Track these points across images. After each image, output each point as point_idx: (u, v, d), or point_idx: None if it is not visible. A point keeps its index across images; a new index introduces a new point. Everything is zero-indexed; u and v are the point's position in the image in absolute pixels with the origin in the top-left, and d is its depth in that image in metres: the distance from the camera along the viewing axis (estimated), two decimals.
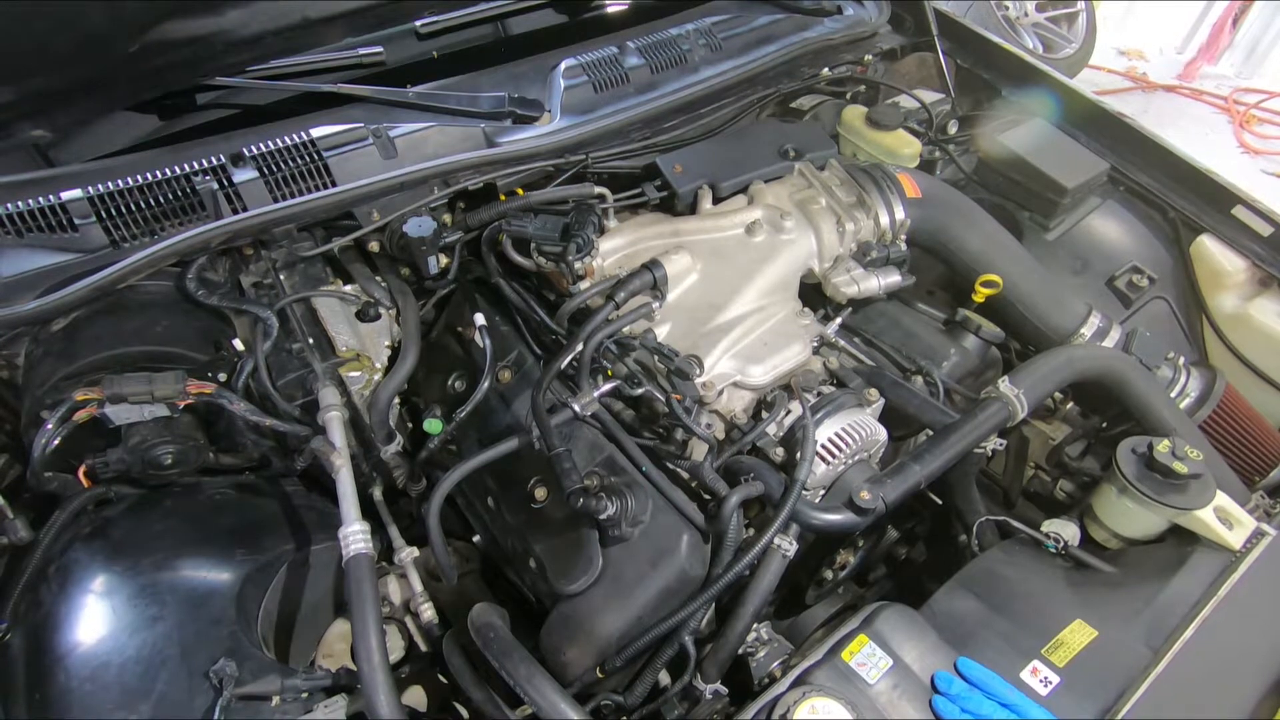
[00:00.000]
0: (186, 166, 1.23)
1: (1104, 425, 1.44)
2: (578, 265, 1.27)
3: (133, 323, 1.20)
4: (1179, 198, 1.74)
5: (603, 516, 1.07)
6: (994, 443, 1.29)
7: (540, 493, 1.20)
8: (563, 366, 1.19)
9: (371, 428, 1.27)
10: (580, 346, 1.18)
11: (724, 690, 1.07)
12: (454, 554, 1.29)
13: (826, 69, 1.84)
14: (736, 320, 1.26)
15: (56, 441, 1.07)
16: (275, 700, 0.99)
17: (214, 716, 0.94)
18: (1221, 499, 1.18)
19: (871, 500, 1.05)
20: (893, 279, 1.40)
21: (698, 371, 1.18)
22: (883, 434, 1.21)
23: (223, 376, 1.20)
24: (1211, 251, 1.68)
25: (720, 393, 1.19)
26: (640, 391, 1.16)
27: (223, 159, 1.25)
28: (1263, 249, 1.64)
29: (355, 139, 1.33)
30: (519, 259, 1.34)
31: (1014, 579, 1.15)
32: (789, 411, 1.18)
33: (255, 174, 1.26)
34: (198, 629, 1.02)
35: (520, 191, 1.43)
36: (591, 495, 1.07)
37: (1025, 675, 0.98)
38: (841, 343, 1.34)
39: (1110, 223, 1.79)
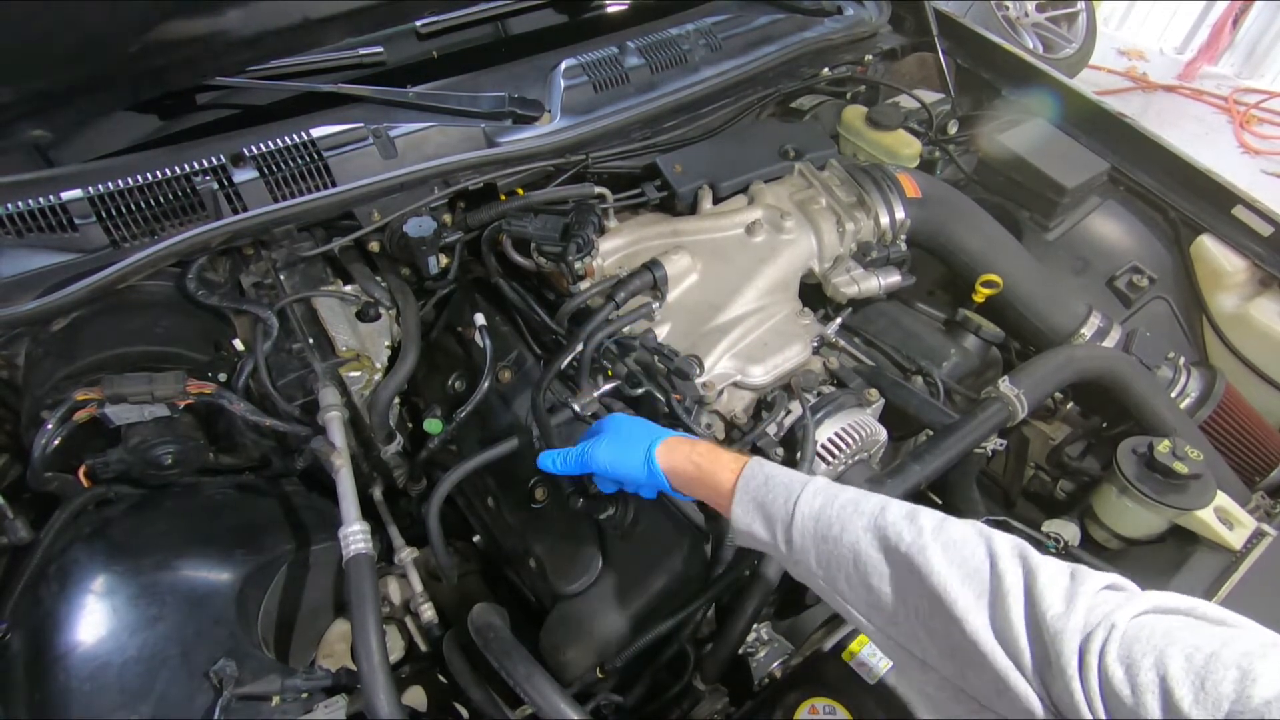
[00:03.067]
0: (186, 166, 1.22)
1: (1104, 425, 1.44)
2: (578, 265, 1.27)
3: (133, 323, 1.20)
4: (1179, 198, 1.74)
5: (602, 517, 1.07)
6: (994, 443, 1.29)
7: (540, 493, 1.20)
8: (563, 366, 1.19)
9: (371, 428, 1.27)
10: (580, 346, 1.18)
11: (724, 690, 1.07)
12: (454, 554, 1.29)
13: (826, 69, 1.84)
14: (736, 320, 1.26)
15: (56, 441, 1.07)
16: (275, 700, 0.99)
17: (214, 716, 0.94)
18: (1222, 499, 1.18)
19: None
20: (893, 279, 1.40)
21: (698, 371, 1.18)
22: (883, 434, 1.21)
23: (223, 376, 1.20)
24: (1212, 251, 1.68)
25: (720, 393, 1.20)
26: (640, 391, 1.16)
27: (223, 159, 1.25)
28: (1263, 249, 1.64)
29: (355, 139, 1.33)
30: (519, 259, 1.34)
31: None
32: (789, 411, 1.18)
33: (255, 174, 1.25)
34: (198, 629, 1.02)
35: (520, 191, 1.43)
36: (591, 495, 1.07)
37: None
38: (841, 343, 1.34)
39: (1110, 223, 1.79)
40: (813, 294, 1.41)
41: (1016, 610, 0.62)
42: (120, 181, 1.19)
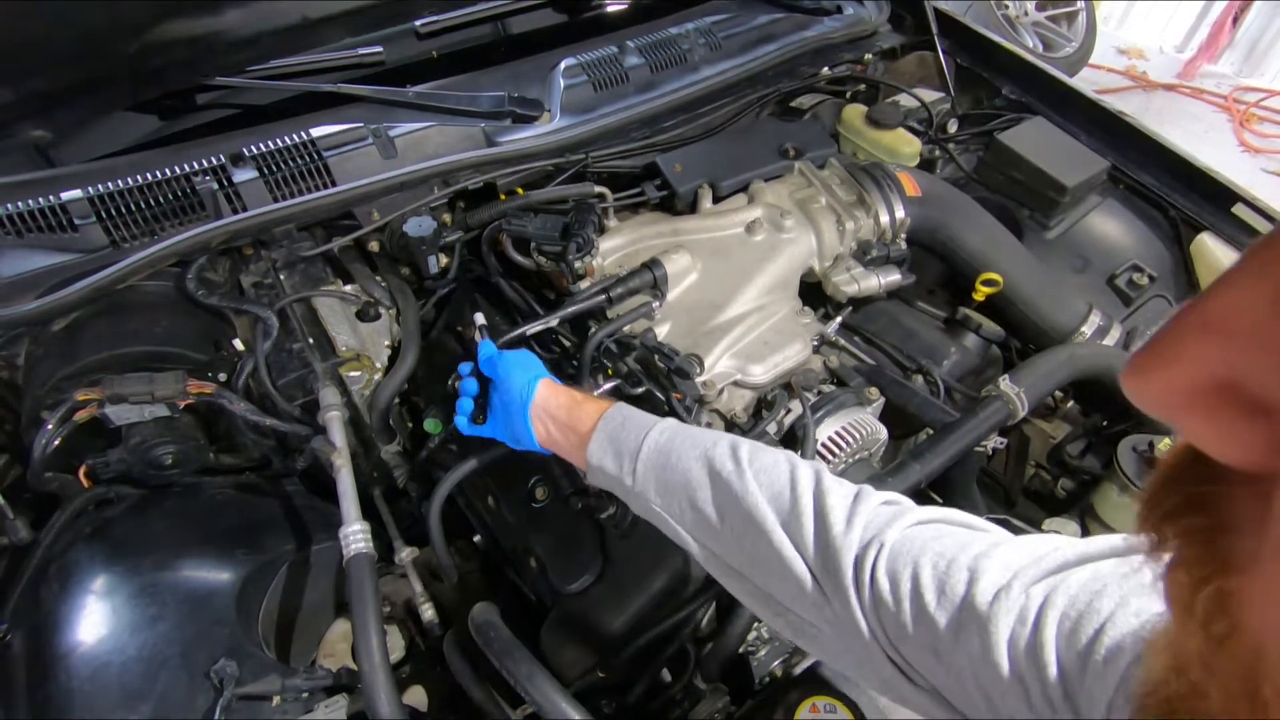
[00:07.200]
0: (186, 166, 1.22)
1: (1105, 424, 1.44)
2: (578, 264, 1.27)
3: (133, 323, 1.20)
4: (1179, 196, 1.73)
5: (603, 516, 1.07)
6: (994, 441, 1.29)
7: (541, 492, 1.20)
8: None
9: (371, 427, 1.27)
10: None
11: (724, 689, 1.07)
12: (454, 553, 1.28)
13: (826, 68, 1.84)
14: (737, 319, 1.26)
15: (57, 442, 1.07)
16: (276, 700, 0.99)
17: (214, 716, 0.93)
18: None
19: None
20: (893, 278, 1.40)
21: (698, 370, 1.18)
22: (883, 433, 1.21)
23: (223, 376, 1.20)
24: (1212, 250, 1.68)
25: (721, 392, 1.19)
26: (640, 390, 1.16)
27: (223, 159, 1.25)
28: None
29: (355, 139, 1.33)
30: (519, 258, 1.34)
31: None
32: (789, 410, 1.18)
33: (255, 174, 1.25)
34: (198, 629, 1.02)
35: (520, 191, 1.43)
36: (591, 495, 1.07)
37: None
38: (842, 341, 1.34)
39: (1110, 221, 1.78)
40: (813, 293, 1.41)
41: (808, 527, 0.71)
42: (120, 181, 1.19)
